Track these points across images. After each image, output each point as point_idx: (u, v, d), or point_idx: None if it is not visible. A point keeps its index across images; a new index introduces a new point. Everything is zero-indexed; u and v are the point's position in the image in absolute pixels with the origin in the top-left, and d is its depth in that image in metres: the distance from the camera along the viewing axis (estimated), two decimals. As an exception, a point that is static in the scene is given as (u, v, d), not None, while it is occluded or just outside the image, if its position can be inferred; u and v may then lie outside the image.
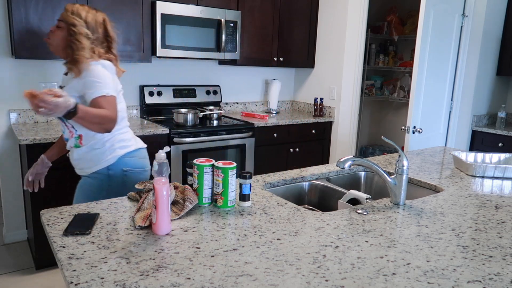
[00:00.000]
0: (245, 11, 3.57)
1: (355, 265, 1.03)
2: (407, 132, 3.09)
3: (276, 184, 1.73)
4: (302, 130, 3.78)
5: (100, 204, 1.38)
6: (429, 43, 3.04)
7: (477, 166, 1.92)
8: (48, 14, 2.65)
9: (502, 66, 3.72)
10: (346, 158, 1.46)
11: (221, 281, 0.92)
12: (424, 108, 3.17)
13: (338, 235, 1.21)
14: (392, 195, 1.50)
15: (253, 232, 1.20)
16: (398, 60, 4.83)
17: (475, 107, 3.63)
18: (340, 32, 3.81)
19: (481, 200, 1.59)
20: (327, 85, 4.00)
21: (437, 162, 2.21)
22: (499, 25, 3.63)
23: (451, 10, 3.23)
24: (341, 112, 3.90)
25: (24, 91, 1.33)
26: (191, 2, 3.22)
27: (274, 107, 4.08)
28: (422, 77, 3.07)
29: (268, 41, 3.78)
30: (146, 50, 3.10)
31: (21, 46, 2.60)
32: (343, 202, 1.57)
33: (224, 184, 1.35)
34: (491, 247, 1.17)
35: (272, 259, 1.04)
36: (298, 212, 1.38)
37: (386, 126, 5.12)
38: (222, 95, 3.90)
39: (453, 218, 1.38)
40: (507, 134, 3.43)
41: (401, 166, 1.48)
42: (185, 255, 1.03)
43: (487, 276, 1.00)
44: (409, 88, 4.36)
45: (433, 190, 1.77)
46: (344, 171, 1.96)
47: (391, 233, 1.24)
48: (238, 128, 3.33)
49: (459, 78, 3.47)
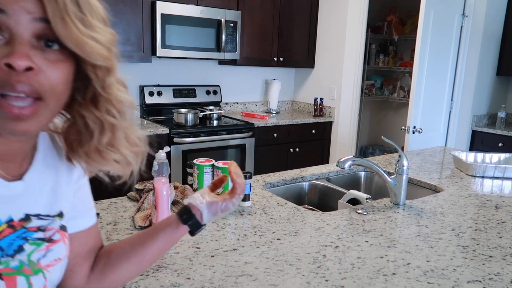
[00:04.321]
0: (245, 11, 3.56)
1: (355, 265, 1.03)
2: (407, 132, 3.09)
3: (276, 184, 1.73)
4: (302, 130, 3.78)
5: (100, 204, 1.38)
6: (429, 43, 3.04)
7: (477, 166, 1.92)
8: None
9: (502, 66, 3.72)
10: (346, 158, 1.46)
11: (221, 281, 0.92)
12: (424, 108, 3.17)
13: (338, 235, 1.21)
14: (392, 195, 1.50)
15: (253, 232, 1.20)
16: (398, 60, 4.83)
17: (475, 107, 3.63)
18: (340, 32, 3.81)
19: (481, 200, 1.59)
20: (327, 85, 4.00)
21: (437, 162, 2.21)
22: (499, 25, 3.63)
23: (451, 10, 3.23)
24: (341, 112, 3.90)
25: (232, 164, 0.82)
26: (191, 2, 3.22)
27: (274, 107, 4.08)
28: (422, 77, 3.07)
29: (268, 41, 3.78)
30: (146, 50, 3.10)
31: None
32: (343, 202, 1.57)
33: (224, 184, 1.34)
34: (491, 247, 1.17)
35: (272, 259, 1.04)
36: (298, 212, 1.38)
37: (386, 126, 5.12)
38: (222, 95, 3.90)
39: (453, 218, 1.38)
40: (507, 134, 3.43)
41: (401, 166, 1.48)
42: (185, 255, 1.03)
43: (487, 276, 1.00)
44: (409, 88, 4.36)
45: (433, 190, 1.77)
46: (344, 171, 1.96)
47: (391, 233, 1.24)
48: (238, 128, 3.33)
49: (459, 78, 3.47)
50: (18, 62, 0.46)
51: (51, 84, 0.50)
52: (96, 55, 0.51)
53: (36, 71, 0.48)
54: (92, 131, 0.58)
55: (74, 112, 0.59)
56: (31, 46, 0.48)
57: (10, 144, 0.55)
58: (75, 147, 0.61)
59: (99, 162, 0.61)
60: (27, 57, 0.47)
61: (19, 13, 0.47)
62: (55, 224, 0.65)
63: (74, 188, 0.69)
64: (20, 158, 0.58)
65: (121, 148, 0.61)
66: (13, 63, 0.46)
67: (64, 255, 0.66)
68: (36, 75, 0.48)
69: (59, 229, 0.66)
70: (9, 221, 0.57)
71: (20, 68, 0.46)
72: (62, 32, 0.48)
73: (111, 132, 0.59)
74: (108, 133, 0.59)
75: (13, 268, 0.57)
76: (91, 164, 0.63)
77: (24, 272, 0.58)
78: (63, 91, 0.53)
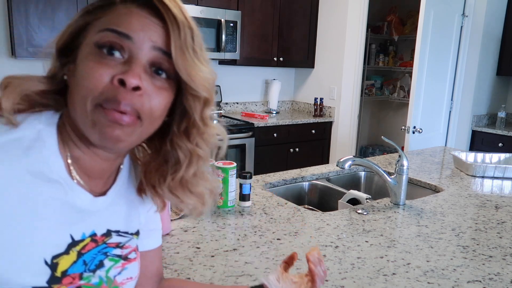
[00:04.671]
0: (245, 11, 3.56)
1: (355, 265, 1.03)
2: (407, 132, 3.09)
3: (276, 184, 1.73)
4: (302, 130, 3.78)
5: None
6: (429, 43, 3.04)
7: (477, 166, 1.92)
8: (48, 14, 2.65)
9: (502, 66, 3.72)
10: (346, 158, 1.46)
11: (221, 281, 0.92)
12: (424, 108, 3.17)
13: (338, 235, 1.21)
14: (392, 195, 1.50)
15: (253, 232, 1.20)
16: (398, 60, 4.83)
17: (475, 107, 3.63)
18: (340, 32, 3.81)
19: (481, 200, 1.59)
20: (327, 85, 4.00)
21: (437, 162, 2.21)
22: (499, 25, 3.63)
23: (451, 10, 3.23)
24: (341, 112, 3.90)
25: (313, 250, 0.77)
26: (191, 2, 3.22)
27: (274, 107, 4.08)
28: (422, 77, 3.07)
29: (268, 41, 3.78)
30: (146, 50, 3.09)
31: (21, 46, 2.60)
32: (343, 202, 1.57)
33: (224, 184, 1.35)
34: (491, 247, 1.17)
35: (272, 259, 1.04)
36: (298, 212, 1.38)
37: (386, 126, 5.12)
38: (222, 95, 3.90)
39: (453, 218, 1.38)
40: (507, 134, 3.43)
41: (401, 166, 1.48)
42: (185, 255, 1.03)
43: (487, 276, 1.00)
44: (409, 88, 4.36)
45: (433, 190, 1.77)
46: (344, 171, 1.96)
47: (391, 233, 1.24)
48: (238, 128, 3.32)
49: (459, 78, 3.47)
50: (131, 79, 0.50)
51: (152, 108, 0.53)
52: (202, 86, 0.55)
53: (142, 92, 0.52)
54: (181, 162, 0.60)
55: (162, 144, 0.61)
56: (144, 70, 0.52)
57: (100, 162, 0.58)
58: (156, 181, 0.62)
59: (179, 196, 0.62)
60: (139, 78, 0.51)
61: (143, 40, 0.52)
62: (133, 242, 0.67)
63: (147, 207, 0.70)
64: (106, 176, 0.60)
65: (203, 182, 0.63)
66: (126, 79, 0.50)
67: (136, 275, 0.67)
68: (141, 96, 0.52)
69: (135, 248, 0.68)
70: (93, 235, 0.59)
71: (130, 86, 0.50)
72: (180, 63, 0.53)
73: (197, 165, 0.61)
74: (194, 165, 0.61)
75: (94, 284, 0.59)
76: (169, 199, 0.63)
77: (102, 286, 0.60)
78: (159, 117, 0.56)
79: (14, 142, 0.51)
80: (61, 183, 0.54)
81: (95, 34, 0.52)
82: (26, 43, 2.61)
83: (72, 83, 0.54)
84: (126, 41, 0.51)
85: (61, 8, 2.68)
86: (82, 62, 0.52)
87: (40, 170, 0.52)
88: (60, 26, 2.68)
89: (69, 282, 0.55)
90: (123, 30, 0.51)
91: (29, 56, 2.65)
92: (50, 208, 0.53)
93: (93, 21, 0.54)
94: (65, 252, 0.54)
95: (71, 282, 0.55)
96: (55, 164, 0.54)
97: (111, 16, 0.53)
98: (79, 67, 0.52)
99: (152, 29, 0.52)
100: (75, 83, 0.53)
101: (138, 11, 0.52)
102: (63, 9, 2.69)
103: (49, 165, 0.53)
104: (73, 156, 0.56)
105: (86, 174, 0.57)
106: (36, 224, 0.52)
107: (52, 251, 0.53)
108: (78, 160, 0.56)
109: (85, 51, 0.53)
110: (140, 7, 0.53)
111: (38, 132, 0.53)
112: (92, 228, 0.59)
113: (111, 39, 0.51)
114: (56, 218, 0.54)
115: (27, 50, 2.62)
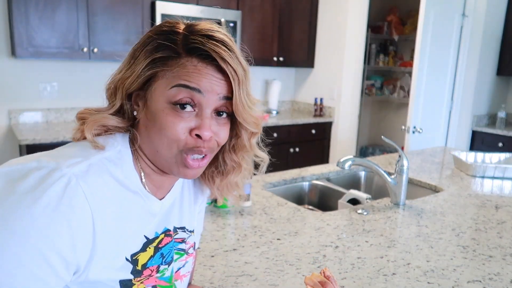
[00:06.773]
0: (245, 11, 3.56)
1: (355, 265, 1.03)
2: (407, 132, 3.09)
3: (276, 184, 1.73)
4: (302, 130, 3.77)
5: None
6: (429, 43, 3.04)
7: (477, 166, 1.92)
8: (48, 14, 2.65)
9: (502, 66, 3.72)
10: (346, 158, 1.46)
11: (221, 281, 0.92)
12: (424, 108, 3.17)
13: (338, 235, 1.21)
14: (392, 195, 1.50)
15: (253, 232, 1.20)
16: (398, 60, 4.83)
17: (475, 107, 3.62)
18: (340, 32, 3.81)
19: (481, 200, 1.59)
20: (327, 85, 4.00)
21: (437, 162, 2.21)
22: (499, 25, 3.62)
23: (451, 10, 3.23)
24: (341, 112, 3.90)
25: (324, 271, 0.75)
26: (191, 2, 3.22)
27: (274, 107, 4.08)
28: (422, 77, 3.07)
29: (268, 41, 3.78)
30: (146, 50, 3.09)
31: (21, 46, 2.60)
32: (343, 202, 1.57)
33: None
34: (491, 247, 1.17)
35: (272, 259, 1.04)
36: (298, 212, 1.38)
37: (386, 126, 5.12)
38: (222, 95, 3.90)
39: (453, 218, 1.38)
40: (507, 134, 3.42)
41: (401, 166, 1.48)
42: (185, 255, 1.03)
43: (487, 276, 1.00)
44: (409, 88, 4.36)
45: (433, 190, 1.77)
46: (344, 171, 1.96)
47: (391, 233, 1.24)
48: (238, 128, 3.32)
49: (459, 78, 3.47)
50: (205, 133, 0.61)
51: (220, 142, 0.66)
52: (253, 124, 0.68)
53: (212, 136, 0.64)
54: (229, 170, 0.75)
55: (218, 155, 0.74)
56: (211, 116, 0.63)
57: (169, 179, 0.70)
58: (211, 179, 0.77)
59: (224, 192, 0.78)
60: (210, 129, 0.63)
61: (211, 93, 0.61)
62: (191, 239, 0.78)
63: (197, 210, 0.82)
64: (171, 186, 0.72)
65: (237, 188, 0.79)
66: (202, 135, 0.61)
67: (190, 270, 0.80)
68: (212, 138, 0.64)
69: (193, 244, 0.80)
70: (166, 231, 0.70)
71: (206, 138, 0.62)
72: (238, 110, 0.64)
73: (240, 173, 0.76)
74: (238, 173, 0.76)
75: (166, 281, 0.70)
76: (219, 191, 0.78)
77: (172, 281, 0.72)
78: (223, 143, 0.68)
79: (105, 159, 0.62)
80: (139, 193, 0.65)
81: (166, 87, 0.61)
82: (26, 43, 2.61)
83: (149, 126, 0.63)
84: (196, 95, 0.61)
85: (61, 8, 2.67)
86: (160, 115, 0.61)
87: (124, 181, 0.63)
88: (60, 26, 2.69)
89: (148, 274, 0.67)
90: (195, 86, 0.60)
91: (29, 56, 2.65)
92: (133, 213, 0.64)
93: (160, 72, 0.62)
94: (142, 249, 0.66)
95: (150, 274, 0.67)
96: (133, 178, 0.65)
97: (180, 71, 0.61)
98: (157, 117, 0.62)
99: (216, 83, 0.62)
100: (155, 128, 0.62)
101: (203, 68, 0.61)
102: (63, 9, 2.69)
103: (130, 178, 0.64)
104: (145, 173, 0.67)
105: (155, 186, 0.69)
106: (123, 225, 0.62)
107: (132, 249, 0.64)
108: (149, 176, 0.67)
109: (160, 104, 0.61)
110: (203, 61, 0.61)
111: (119, 152, 0.64)
112: (164, 225, 0.70)
113: (185, 96, 0.61)
114: (135, 220, 0.65)
115: (27, 50, 2.61)
